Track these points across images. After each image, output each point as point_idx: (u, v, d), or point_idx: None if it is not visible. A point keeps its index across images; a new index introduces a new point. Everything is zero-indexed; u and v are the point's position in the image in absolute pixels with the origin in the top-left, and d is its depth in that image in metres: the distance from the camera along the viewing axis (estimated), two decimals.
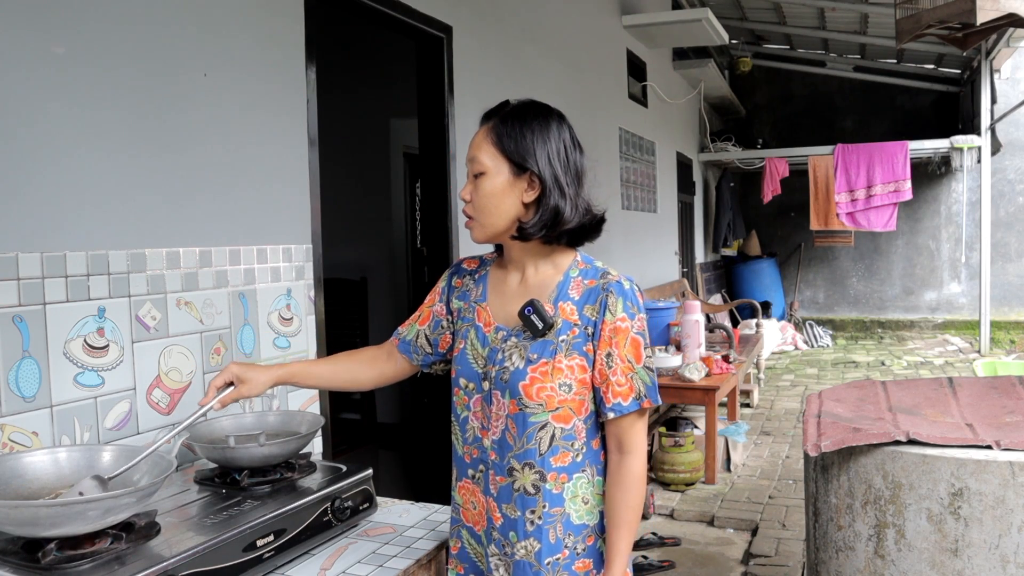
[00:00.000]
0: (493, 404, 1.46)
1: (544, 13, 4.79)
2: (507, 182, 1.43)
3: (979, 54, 8.63)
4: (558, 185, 1.43)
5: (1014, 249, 10.25)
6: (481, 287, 1.56)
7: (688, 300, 5.14)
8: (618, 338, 1.41)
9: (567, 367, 1.41)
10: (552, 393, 1.40)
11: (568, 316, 1.43)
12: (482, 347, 1.49)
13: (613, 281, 1.43)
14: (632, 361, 1.41)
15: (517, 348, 1.45)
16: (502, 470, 1.45)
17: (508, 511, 1.45)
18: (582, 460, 1.45)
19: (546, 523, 1.43)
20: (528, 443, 1.42)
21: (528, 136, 1.43)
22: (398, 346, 1.66)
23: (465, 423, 1.52)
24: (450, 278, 1.63)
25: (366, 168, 5.18)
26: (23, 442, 1.60)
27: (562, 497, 1.43)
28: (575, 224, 1.45)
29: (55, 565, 1.25)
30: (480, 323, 1.51)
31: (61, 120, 1.71)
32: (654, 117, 7.60)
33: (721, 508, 4.25)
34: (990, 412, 2.34)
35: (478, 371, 1.49)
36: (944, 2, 4.66)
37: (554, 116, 1.47)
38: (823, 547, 2.25)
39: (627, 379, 1.41)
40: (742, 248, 11.00)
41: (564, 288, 1.46)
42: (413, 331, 1.64)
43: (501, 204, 1.44)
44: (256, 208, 2.27)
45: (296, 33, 2.46)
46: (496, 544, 1.48)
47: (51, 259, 1.67)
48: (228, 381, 1.54)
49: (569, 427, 1.43)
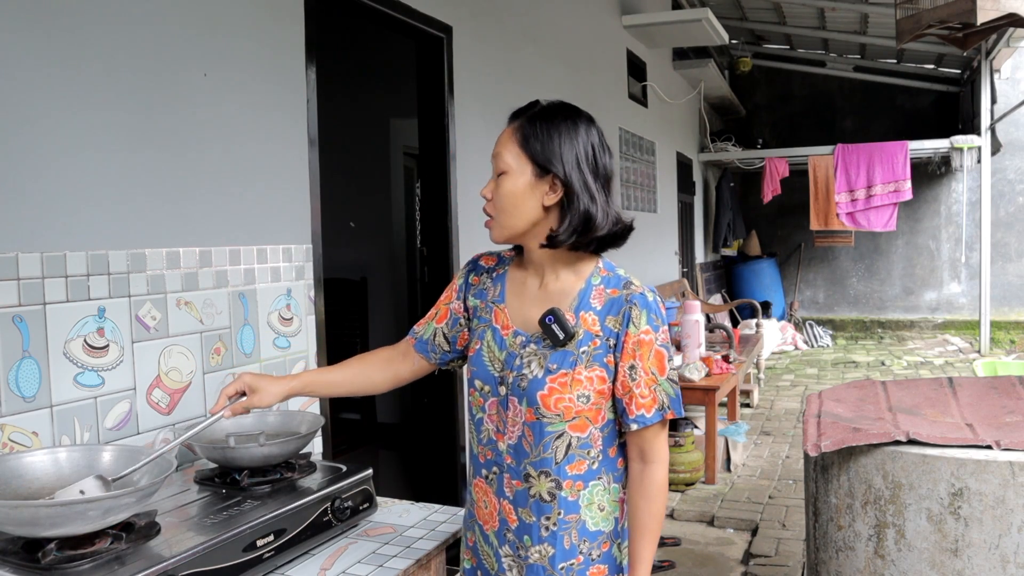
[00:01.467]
0: (510, 410, 1.44)
1: (544, 13, 4.79)
2: (529, 183, 1.41)
3: (979, 54, 8.63)
4: (587, 190, 1.40)
5: (1014, 249, 10.25)
6: (499, 287, 1.54)
7: (688, 300, 5.15)
8: (642, 351, 1.40)
9: (586, 378, 1.40)
10: (570, 404, 1.40)
11: (589, 327, 1.42)
12: (499, 350, 1.48)
13: (637, 293, 1.42)
14: (656, 373, 1.41)
15: (536, 356, 1.43)
16: (518, 475, 1.44)
17: (524, 515, 1.45)
18: (598, 468, 1.44)
19: (561, 529, 1.43)
20: (544, 452, 1.42)
21: (555, 138, 1.40)
22: (415, 345, 1.63)
23: (480, 424, 1.51)
24: (467, 275, 1.60)
25: (366, 168, 5.18)
26: (23, 442, 1.60)
27: (578, 504, 1.43)
28: (606, 232, 1.43)
29: (55, 565, 1.25)
30: (498, 325, 1.50)
31: (61, 120, 1.71)
32: (654, 117, 7.59)
33: (721, 508, 4.25)
34: (990, 412, 2.33)
35: (495, 375, 1.47)
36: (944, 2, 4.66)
37: (583, 118, 1.44)
38: (823, 547, 2.25)
39: (651, 391, 1.41)
40: (742, 248, 11.00)
41: (586, 297, 1.44)
42: (430, 329, 1.62)
43: (521, 205, 1.42)
44: (256, 208, 2.27)
45: (296, 33, 2.46)
46: (510, 546, 1.47)
47: (51, 259, 1.67)
48: (240, 391, 1.52)
49: (585, 436, 1.42)
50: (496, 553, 1.50)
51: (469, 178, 3.65)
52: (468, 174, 3.64)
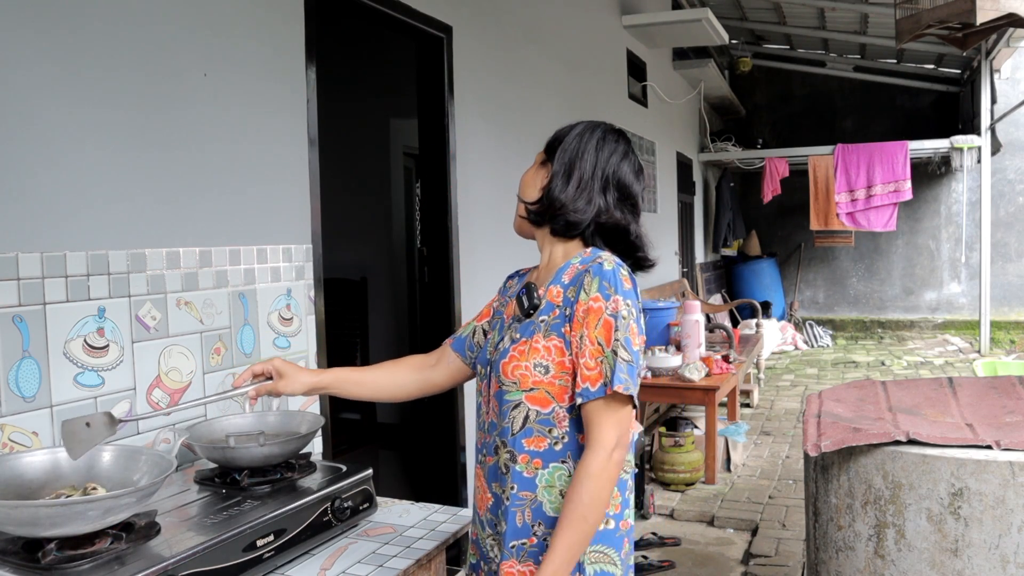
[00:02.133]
0: (491, 387, 1.48)
1: (544, 13, 4.79)
2: (535, 169, 1.52)
3: (979, 54, 8.63)
4: (567, 174, 1.46)
5: (1014, 249, 10.25)
6: (518, 284, 1.61)
7: (688, 300, 5.14)
8: (589, 318, 1.35)
9: (544, 347, 1.40)
10: (526, 373, 1.39)
11: (553, 299, 1.44)
12: (497, 334, 1.53)
13: (595, 263, 1.39)
14: (603, 344, 1.34)
15: (509, 331, 1.48)
16: (491, 450, 1.47)
17: (496, 489, 1.45)
18: (562, 450, 1.39)
19: (513, 505, 1.40)
20: (503, 421, 1.42)
21: (574, 132, 1.50)
22: (452, 344, 1.67)
23: (479, 409, 1.55)
24: (506, 280, 1.68)
25: (366, 168, 5.18)
26: (23, 442, 1.60)
27: (534, 483, 1.39)
28: (575, 218, 1.44)
29: (55, 565, 1.25)
30: (506, 315, 1.56)
31: (61, 120, 1.71)
32: (654, 117, 7.59)
33: (721, 508, 4.25)
34: (990, 412, 2.34)
35: (487, 357, 1.53)
36: (944, 2, 4.66)
37: (613, 133, 1.51)
38: (823, 547, 2.25)
39: (596, 363, 1.34)
40: (742, 248, 11.00)
41: (560, 273, 1.46)
42: (469, 328, 1.67)
43: (526, 189, 1.53)
44: (256, 208, 2.27)
45: (296, 33, 2.46)
46: (489, 524, 1.47)
47: (51, 259, 1.67)
48: (268, 373, 1.55)
49: (547, 412, 1.39)
50: (486, 539, 1.50)
51: (469, 178, 3.65)
52: (468, 174, 3.64)
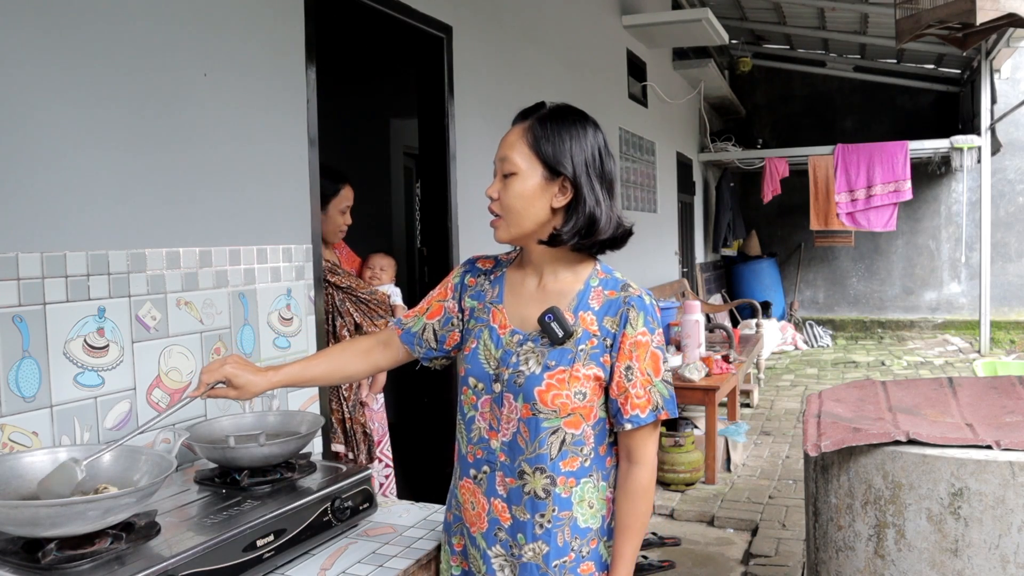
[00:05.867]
0: (504, 407, 1.46)
1: (544, 13, 4.79)
2: (539, 185, 1.43)
3: (979, 54, 8.63)
4: (593, 192, 1.43)
5: (1014, 249, 10.25)
6: (497, 288, 1.55)
7: (688, 300, 5.14)
8: (639, 352, 1.43)
9: (584, 376, 1.42)
10: (567, 401, 1.42)
11: (588, 326, 1.44)
12: (495, 348, 1.49)
13: (635, 296, 1.46)
14: (651, 374, 1.44)
15: (534, 353, 1.45)
16: (512, 472, 1.46)
17: (517, 513, 1.46)
18: (590, 465, 1.46)
19: (555, 526, 1.44)
20: (540, 448, 1.43)
21: (566, 140, 1.42)
22: (401, 336, 1.62)
23: (471, 423, 1.51)
24: (463, 276, 1.61)
25: (366, 168, 5.18)
26: (23, 442, 1.60)
27: (570, 501, 1.45)
28: (609, 235, 1.46)
29: (55, 565, 1.25)
30: (495, 324, 1.51)
31: (61, 120, 1.71)
32: (654, 117, 7.60)
33: (721, 508, 4.25)
34: (990, 412, 2.33)
35: (489, 372, 1.48)
36: (944, 2, 4.66)
37: (590, 122, 1.47)
38: (823, 547, 2.25)
39: (646, 392, 1.44)
40: (742, 248, 11.00)
41: (584, 297, 1.47)
42: (420, 324, 1.61)
43: (531, 207, 1.43)
44: (256, 208, 2.27)
45: (296, 33, 2.46)
46: (502, 545, 1.48)
47: (51, 259, 1.67)
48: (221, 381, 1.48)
49: (579, 432, 1.44)
50: (484, 555, 1.50)
51: (469, 178, 3.65)
52: (468, 174, 3.64)
